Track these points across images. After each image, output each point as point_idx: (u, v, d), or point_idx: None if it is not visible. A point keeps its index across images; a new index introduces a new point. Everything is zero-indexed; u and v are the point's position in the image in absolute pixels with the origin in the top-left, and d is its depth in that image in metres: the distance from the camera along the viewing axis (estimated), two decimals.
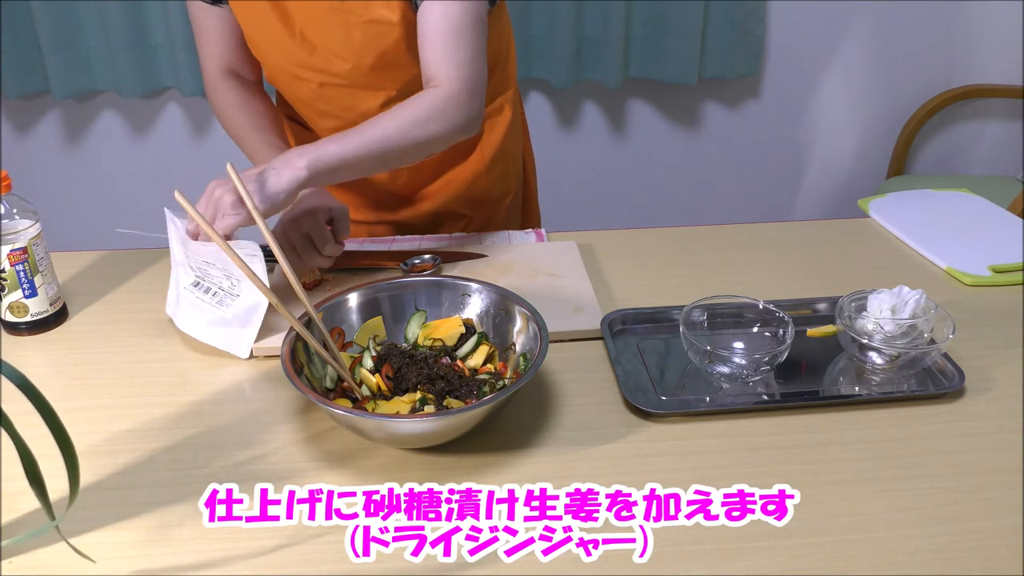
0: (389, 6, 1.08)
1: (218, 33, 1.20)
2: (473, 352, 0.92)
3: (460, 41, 1.06)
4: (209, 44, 1.20)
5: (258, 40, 1.16)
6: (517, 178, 1.40)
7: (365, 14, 1.08)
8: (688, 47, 2.28)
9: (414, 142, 1.03)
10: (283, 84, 1.22)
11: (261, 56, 1.19)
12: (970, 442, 0.83)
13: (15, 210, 0.99)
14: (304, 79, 1.17)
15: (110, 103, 2.40)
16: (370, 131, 1.01)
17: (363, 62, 1.13)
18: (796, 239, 1.27)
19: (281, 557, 0.71)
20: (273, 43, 1.14)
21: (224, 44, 1.20)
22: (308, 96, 1.20)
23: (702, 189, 2.62)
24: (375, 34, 1.10)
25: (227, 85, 1.21)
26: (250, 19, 1.14)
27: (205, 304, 0.99)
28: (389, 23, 1.09)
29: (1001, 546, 0.71)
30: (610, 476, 0.78)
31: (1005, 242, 1.21)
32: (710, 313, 0.97)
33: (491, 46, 1.24)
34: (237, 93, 1.21)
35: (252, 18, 1.14)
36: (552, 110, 2.48)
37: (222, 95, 1.21)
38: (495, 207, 1.36)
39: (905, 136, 2.51)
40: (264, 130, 1.17)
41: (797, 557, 0.70)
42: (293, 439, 0.84)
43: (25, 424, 0.63)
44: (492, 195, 1.34)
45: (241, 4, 1.13)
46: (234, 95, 1.20)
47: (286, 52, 1.14)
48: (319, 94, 1.19)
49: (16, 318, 1.02)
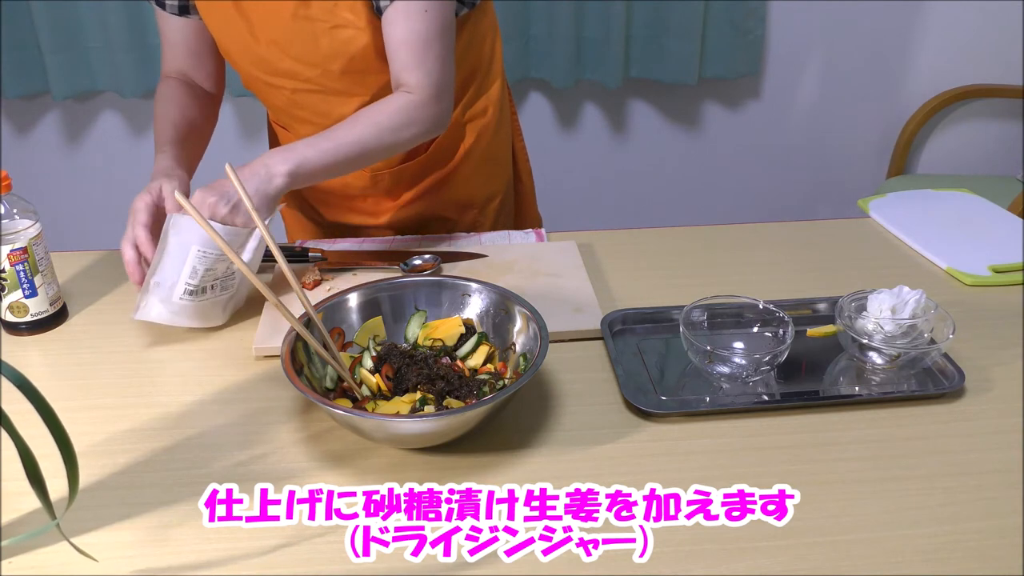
0: (354, 10, 1.07)
1: (175, 41, 1.22)
2: (473, 352, 0.91)
3: (427, 50, 1.07)
4: (167, 48, 1.24)
5: (229, 48, 1.17)
6: (505, 180, 1.38)
7: (330, 20, 1.08)
8: (688, 47, 2.28)
9: (386, 147, 1.09)
10: (258, 91, 1.23)
11: (234, 64, 1.19)
12: (970, 442, 0.83)
13: (15, 210, 0.99)
14: (277, 86, 1.17)
15: (110, 103, 2.40)
16: (345, 137, 1.05)
17: (331, 68, 1.12)
18: (796, 239, 1.27)
19: (281, 557, 0.71)
20: (243, 50, 1.15)
21: (179, 51, 1.23)
22: (283, 103, 1.21)
23: (702, 189, 2.62)
24: (342, 40, 1.09)
25: (171, 82, 1.24)
26: (219, 27, 1.15)
27: (208, 301, 1.00)
28: (355, 28, 1.08)
29: (1001, 546, 0.71)
30: (610, 476, 0.78)
31: (1005, 242, 1.21)
32: (710, 313, 0.97)
33: (473, 50, 1.24)
34: (176, 90, 1.23)
35: (220, 26, 1.14)
36: (552, 110, 2.48)
37: (163, 87, 1.23)
38: (481, 210, 1.35)
39: (905, 136, 2.51)
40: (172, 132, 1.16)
41: (797, 557, 0.70)
42: (293, 439, 0.84)
43: (25, 424, 0.63)
44: (477, 199, 1.34)
45: (209, 11, 1.14)
46: (171, 91, 1.22)
47: (256, 60, 1.15)
48: (293, 100, 1.19)
49: (16, 318, 1.02)
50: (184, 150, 1.15)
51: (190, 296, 0.98)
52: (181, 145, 1.15)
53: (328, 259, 1.15)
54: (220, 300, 1.02)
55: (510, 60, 2.30)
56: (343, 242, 1.25)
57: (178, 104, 1.21)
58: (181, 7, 1.18)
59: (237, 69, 1.20)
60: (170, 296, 0.98)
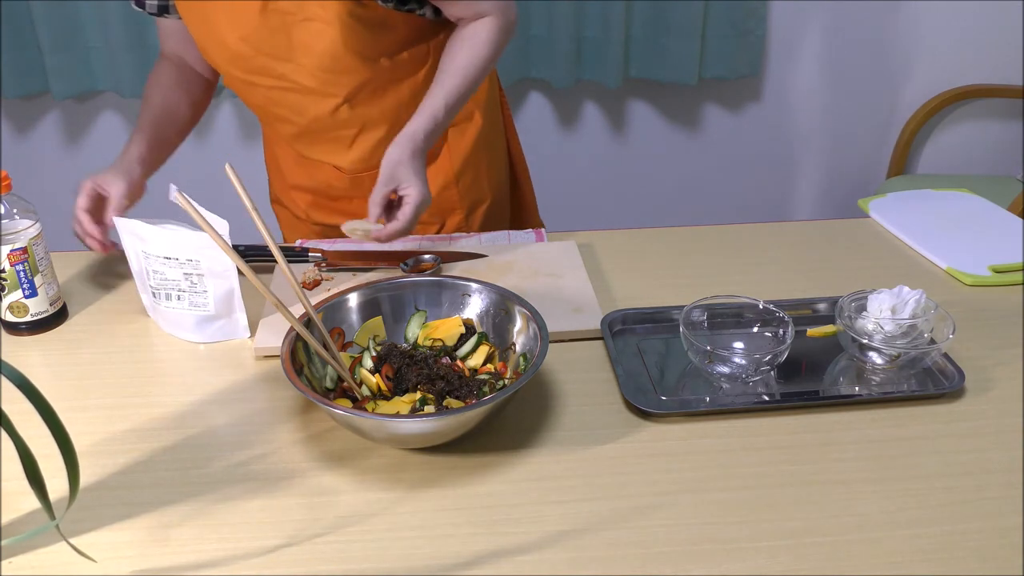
0: (323, 6, 1.07)
1: (168, 26, 1.25)
2: (473, 352, 0.91)
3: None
4: (161, 32, 1.28)
5: (205, 45, 1.17)
6: (495, 183, 1.37)
7: (299, 13, 1.08)
8: (688, 47, 2.28)
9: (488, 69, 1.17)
10: (238, 90, 1.23)
11: (212, 62, 1.20)
12: (970, 442, 0.83)
13: (15, 210, 0.99)
14: (254, 84, 1.18)
15: (110, 103, 2.40)
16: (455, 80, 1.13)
17: (303, 63, 1.13)
18: (796, 239, 1.27)
19: (281, 557, 0.71)
20: (218, 48, 1.15)
21: (173, 36, 1.26)
22: (261, 101, 1.21)
23: (702, 189, 2.62)
24: (311, 33, 1.09)
25: (163, 65, 1.27)
26: (195, 24, 1.15)
27: (177, 311, 1.00)
28: (323, 22, 1.08)
29: (1001, 546, 0.71)
30: (610, 476, 0.78)
31: (1005, 242, 1.21)
32: (710, 313, 0.97)
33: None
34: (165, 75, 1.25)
35: (195, 23, 1.15)
36: (552, 110, 2.48)
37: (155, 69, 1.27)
38: (470, 214, 1.34)
39: (905, 136, 2.51)
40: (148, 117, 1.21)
41: (797, 557, 0.70)
42: (293, 439, 0.84)
43: (25, 424, 0.63)
44: (463, 203, 1.33)
45: (184, 9, 1.14)
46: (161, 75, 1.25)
47: (232, 57, 1.15)
48: (269, 98, 1.19)
49: (16, 318, 1.02)
50: (156, 139, 1.19)
51: (154, 299, 1.00)
52: (155, 131, 1.19)
53: (328, 259, 1.15)
54: (192, 315, 0.99)
55: (510, 60, 2.30)
56: (343, 242, 1.25)
57: (163, 89, 1.24)
58: (160, 7, 1.19)
59: (216, 67, 1.21)
60: (147, 295, 1.02)
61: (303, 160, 1.30)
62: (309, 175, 1.31)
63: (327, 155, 1.26)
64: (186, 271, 0.97)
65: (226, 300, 0.98)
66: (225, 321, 1.00)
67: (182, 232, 0.96)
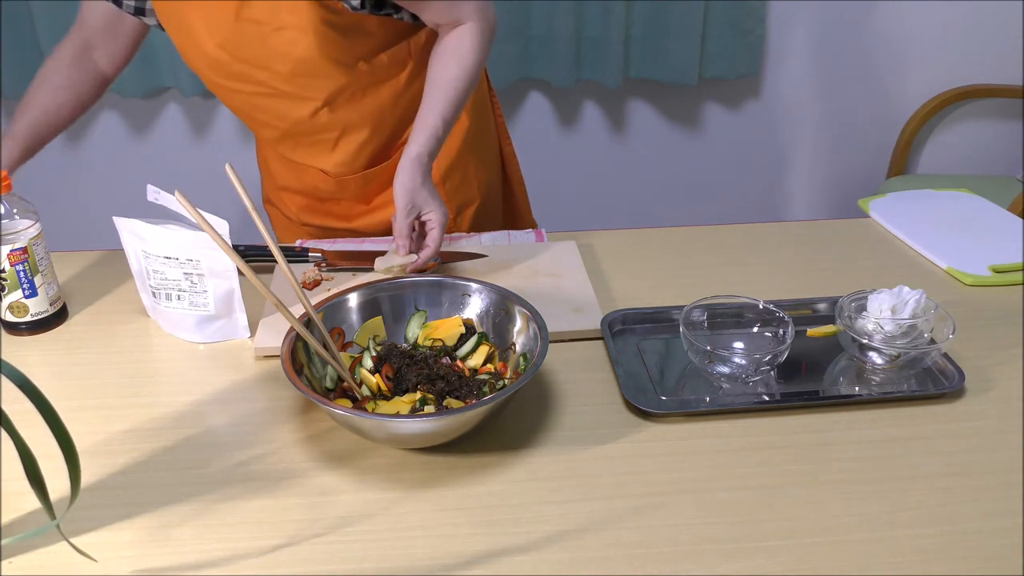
0: (295, 11, 1.06)
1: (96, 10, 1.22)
2: (473, 352, 0.92)
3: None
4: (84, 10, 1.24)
5: (186, 51, 1.16)
6: (484, 185, 1.37)
7: (273, 21, 1.07)
8: (688, 47, 2.28)
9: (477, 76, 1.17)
10: (221, 96, 1.22)
11: (194, 68, 1.19)
12: (970, 442, 0.83)
13: (15, 210, 0.99)
14: (235, 89, 1.17)
15: (110, 103, 2.40)
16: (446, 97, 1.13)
17: (280, 70, 1.12)
18: (796, 239, 1.27)
19: (281, 557, 0.71)
20: (198, 54, 1.14)
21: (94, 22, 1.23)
22: (243, 106, 1.21)
23: (702, 189, 2.62)
24: (285, 41, 1.09)
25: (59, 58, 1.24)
26: (174, 31, 1.15)
27: (177, 311, 1.00)
28: (296, 29, 1.07)
29: (1001, 546, 0.71)
30: (610, 476, 0.78)
31: (1005, 242, 1.21)
32: (710, 313, 0.97)
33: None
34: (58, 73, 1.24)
35: (175, 30, 1.14)
36: (552, 110, 2.48)
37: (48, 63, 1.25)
38: (458, 216, 1.34)
39: (905, 136, 2.51)
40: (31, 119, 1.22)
41: (797, 557, 0.70)
42: (293, 439, 0.84)
43: (25, 424, 0.63)
44: (451, 204, 1.31)
45: (163, 13, 1.14)
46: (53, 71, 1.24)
47: (211, 63, 1.15)
48: (251, 103, 1.19)
49: (16, 318, 1.02)
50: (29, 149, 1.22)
51: (154, 299, 1.00)
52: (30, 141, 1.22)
53: (328, 259, 1.15)
54: (192, 315, 0.99)
55: (510, 60, 2.30)
56: (343, 242, 1.25)
57: (51, 89, 1.23)
58: (137, 8, 1.18)
59: (198, 73, 1.20)
60: (147, 295, 1.02)
61: (290, 163, 1.30)
62: (297, 177, 1.31)
63: (311, 158, 1.26)
64: (186, 271, 0.97)
65: (226, 300, 0.98)
66: (225, 321, 1.00)
67: (182, 232, 0.96)
